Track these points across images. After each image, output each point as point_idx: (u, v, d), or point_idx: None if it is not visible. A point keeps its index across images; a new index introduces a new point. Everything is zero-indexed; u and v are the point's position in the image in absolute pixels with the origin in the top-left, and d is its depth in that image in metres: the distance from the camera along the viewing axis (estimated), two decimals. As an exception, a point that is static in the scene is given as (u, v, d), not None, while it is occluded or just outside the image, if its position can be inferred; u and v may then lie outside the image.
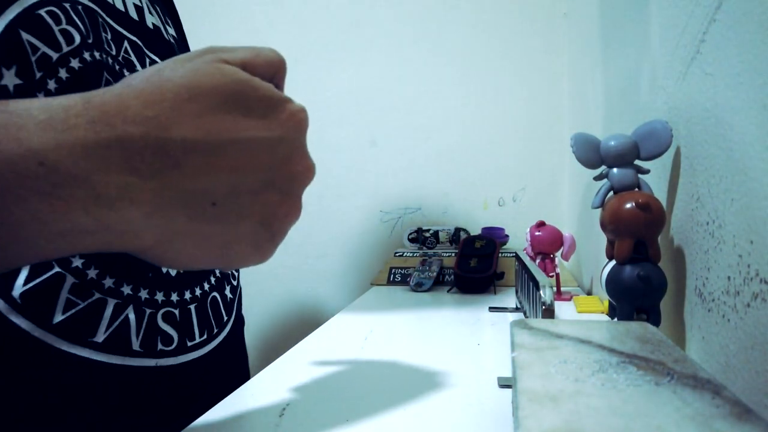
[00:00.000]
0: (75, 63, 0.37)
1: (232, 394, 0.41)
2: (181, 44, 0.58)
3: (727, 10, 0.34)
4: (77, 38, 0.38)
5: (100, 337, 0.38)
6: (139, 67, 0.46)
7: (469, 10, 1.20)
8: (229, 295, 0.53)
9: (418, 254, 1.03)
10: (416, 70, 1.23)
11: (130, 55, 0.45)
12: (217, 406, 0.39)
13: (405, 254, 1.05)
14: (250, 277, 0.80)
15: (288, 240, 0.31)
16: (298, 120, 0.28)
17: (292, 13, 1.28)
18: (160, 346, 0.42)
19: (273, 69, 0.29)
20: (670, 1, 0.46)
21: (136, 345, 0.40)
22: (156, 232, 0.26)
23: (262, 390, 0.42)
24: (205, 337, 0.47)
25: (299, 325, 1.28)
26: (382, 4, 1.24)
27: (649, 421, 0.20)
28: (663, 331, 0.43)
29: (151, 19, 0.50)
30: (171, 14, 0.58)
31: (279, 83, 0.30)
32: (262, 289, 1.28)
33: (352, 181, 1.26)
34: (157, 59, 0.49)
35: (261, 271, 1.29)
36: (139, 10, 0.49)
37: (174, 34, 0.56)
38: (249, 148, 0.26)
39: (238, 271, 0.57)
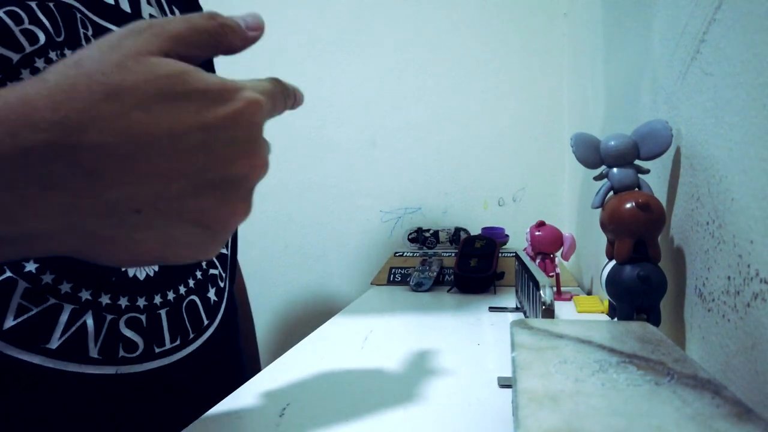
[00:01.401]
0: (40, 63, 0.36)
1: (232, 393, 0.41)
2: None
3: (727, 10, 0.34)
4: (42, 37, 0.37)
5: (54, 344, 0.37)
6: None
7: (469, 10, 1.20)
8: (214, 298, 0.51)
9: (418, 254, 1.03)
10: (416, 70, 1.23)
11: None
12: (217, 405, 0.39)
13: (405, 254, 1.05)
14: (248, 277, 0.80)
15: (288, 240, 0.31)
16: (243, 114, 0.25)
17: (292, 13, 1.28)
18: (121, 353, 0.40)
19: (212, 37, 0.26)
20: (670, 1, 0.46)
21: (93, 352, 0.39)
22: (79, 239, 0.24)
23: (262, 390, 0.42)
24: (177, 342, 0.45)
25: (299, 326, 1.28)
26: (382, 4, 1.24)
27: (649, 421, 0.20)
28: (663, 331, 0.43)
29: (148, 10, 0.49)
30: (184, 2, 0.57)
31: (231, 46, 0.27)
32: (261, 289, 1.28)
33: (352, 181, 1.26)
34: None
35: (260, 271, 1.29)
36: (134, 1, 0.48)
37: None
38: (176, 150, 0.23)
39: (227, 273, 0.56)
